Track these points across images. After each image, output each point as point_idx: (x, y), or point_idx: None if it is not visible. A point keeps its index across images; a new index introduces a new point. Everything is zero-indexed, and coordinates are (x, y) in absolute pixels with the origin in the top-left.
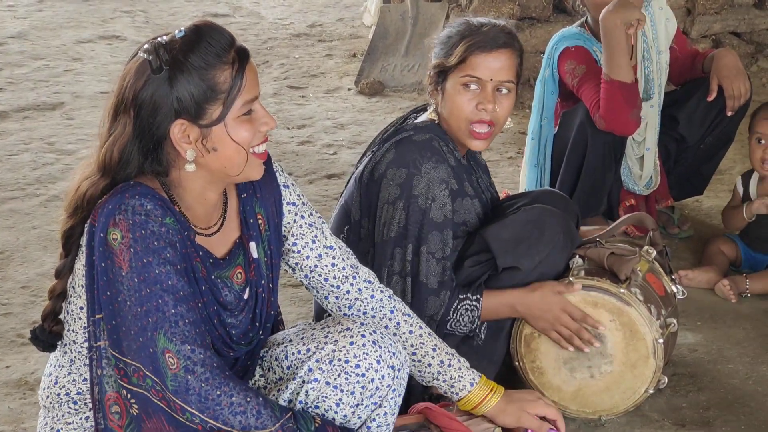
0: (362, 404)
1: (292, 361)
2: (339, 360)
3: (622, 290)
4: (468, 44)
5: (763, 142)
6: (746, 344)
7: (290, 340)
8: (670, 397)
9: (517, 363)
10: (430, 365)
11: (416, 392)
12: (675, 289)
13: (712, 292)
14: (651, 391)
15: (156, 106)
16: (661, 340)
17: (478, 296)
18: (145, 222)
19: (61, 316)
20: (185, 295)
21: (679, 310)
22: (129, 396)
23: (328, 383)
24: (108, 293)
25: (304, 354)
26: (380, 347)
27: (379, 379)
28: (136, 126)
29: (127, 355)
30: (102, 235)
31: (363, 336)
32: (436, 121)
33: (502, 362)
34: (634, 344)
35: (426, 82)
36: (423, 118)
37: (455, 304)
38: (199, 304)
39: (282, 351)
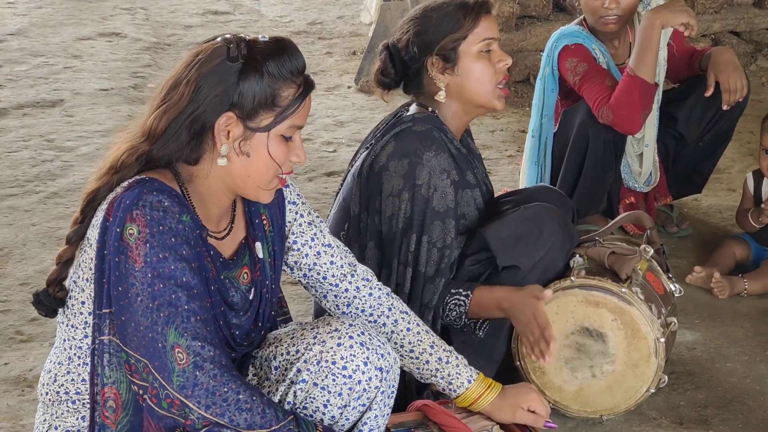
0: (349, 405)
1: (280, 362)
2: (326, 361)
3: (623, 289)
4: (474, 11)
5: None
6: (744, 343)
7: (281, 341)
8: (668, 396)
9: (518, 363)
10: (427, 362)
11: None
12: (672, 288)
13: (711, 291)
14: (652, 391)
15: (216, 91)
16: (662, 339)
17: (469, 292)
18: (163, 218)
19: (63, 291)
20: (198, 293)
21: (678, 309)
22: (141, 392)
23: (315, 384)
24: (120, 288)
25: (293, 355)
26: (368, 349)
27: (366, 380)
28: (191, 103)
29: (137, 351)
30: (118, 230)
31: (351, 337)
32: (435, 112)
33: (502, 362)
34: (636, 344)
35: (430, 67)
36: (414, 110)
37: (446, 297)
38: (208, 304)
39: (271, 352)
